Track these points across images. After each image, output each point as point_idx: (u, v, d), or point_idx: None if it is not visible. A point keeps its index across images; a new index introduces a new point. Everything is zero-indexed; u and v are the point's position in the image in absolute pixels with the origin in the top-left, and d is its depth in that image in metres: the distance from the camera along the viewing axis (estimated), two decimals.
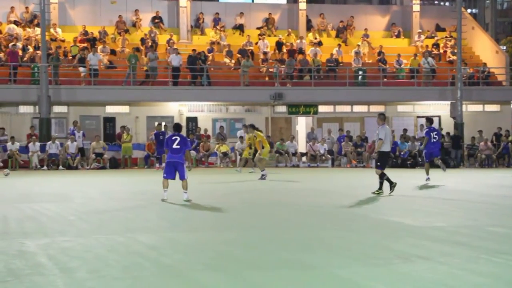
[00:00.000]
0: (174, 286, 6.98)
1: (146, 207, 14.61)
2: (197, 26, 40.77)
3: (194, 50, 36.27)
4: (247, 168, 27.88)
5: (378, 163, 17.30)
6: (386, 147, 17.25)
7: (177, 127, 16.08)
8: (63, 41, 37.73)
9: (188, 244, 9.56)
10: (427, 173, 21.98)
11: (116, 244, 9.47)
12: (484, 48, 41.96)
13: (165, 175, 15.62)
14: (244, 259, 8.31)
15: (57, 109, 34.52)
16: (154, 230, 11.07)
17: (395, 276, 7.30)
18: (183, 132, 34.59)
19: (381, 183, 17.07)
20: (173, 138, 15.57)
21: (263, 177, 23.28)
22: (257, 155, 24.64)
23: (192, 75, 35.89)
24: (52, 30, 37.55)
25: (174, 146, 15.44)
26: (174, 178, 15.54)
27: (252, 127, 24.92)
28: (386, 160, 17.74)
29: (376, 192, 16.92)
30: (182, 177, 15.46)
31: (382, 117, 17.50)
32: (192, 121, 36.11)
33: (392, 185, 17.06)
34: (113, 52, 37.43)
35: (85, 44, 36.82)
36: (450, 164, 32.86)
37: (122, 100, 34.78)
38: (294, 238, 10.16)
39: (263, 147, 24.07)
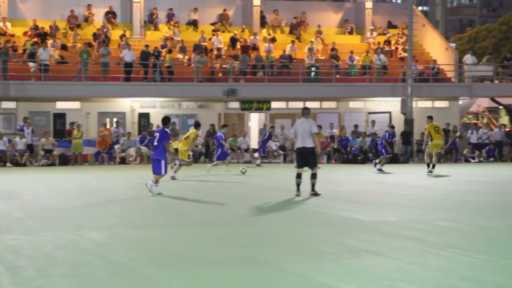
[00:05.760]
0: (123, 283, 6.88)
1: (96, 204, 14.46)
2: (151, 21, 40.45)
3: (147, 46, 35.98)
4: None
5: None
6: (297, 143, 15.51)
7: (163, 122, 16.36)
8: (13, 35, 37.07)
9: (139, 241, 9.47)
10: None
11: (64, 241, 9.33)
12: (434, 45, 42.50)
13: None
14: (197, 256, 8.25)
15: (5, 104, 33.93)
16: (105, 227, 10.94)
17: (345, 270, 7.34)
18: (135, 129, 34.71)
19: (297, 184, 15.50)
20: (155, 134, 16.31)
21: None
22: None
23: (144, 70, 35.61)
24: (1, 24, 36.86)
25: (155, 143, 16.08)
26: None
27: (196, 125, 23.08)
28: (300, 158, 15.54)
29: (296, 194, 15.38)
30: (154, 171, 16.10)
31: (305, 111, 15.75)
32: (144, 117, 35.79)
33: (297, 193, 15.32)
34: (64, 47, 36.87)
35: (36, 39, 36.22)
36: (400, 159, 33.22)
37: (73, 96, 34.31)
38: (247, 234, 10.15)
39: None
